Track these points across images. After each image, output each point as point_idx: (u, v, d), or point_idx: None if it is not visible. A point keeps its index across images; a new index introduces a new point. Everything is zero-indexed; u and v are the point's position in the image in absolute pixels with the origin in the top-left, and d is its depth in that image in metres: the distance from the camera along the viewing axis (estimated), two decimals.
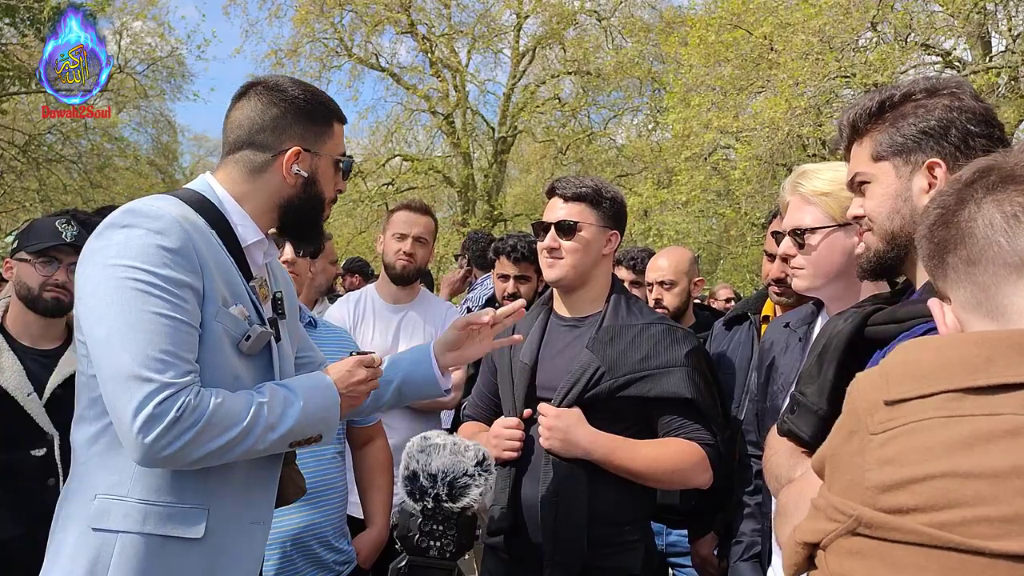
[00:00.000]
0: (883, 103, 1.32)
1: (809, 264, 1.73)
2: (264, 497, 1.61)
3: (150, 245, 1.38)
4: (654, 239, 14.92)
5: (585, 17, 19.30)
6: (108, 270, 1.37)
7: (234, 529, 1.51)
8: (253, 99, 1.60)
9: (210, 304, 1.44)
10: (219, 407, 1.37)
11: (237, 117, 1.60)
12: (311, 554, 2.25)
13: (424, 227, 3.11)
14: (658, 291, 3.24)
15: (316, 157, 1.60)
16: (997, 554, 0.67)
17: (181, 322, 1.37)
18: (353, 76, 19.38)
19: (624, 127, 20.32)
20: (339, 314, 3.10)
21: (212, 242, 1.49)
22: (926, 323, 1.14)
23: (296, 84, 1.62)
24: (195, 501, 1.45)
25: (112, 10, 16.38)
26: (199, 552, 1.45)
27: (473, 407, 2.35)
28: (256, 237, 1.58)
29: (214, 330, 1.44)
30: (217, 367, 1.45)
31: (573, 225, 2.07)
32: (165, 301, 1.36)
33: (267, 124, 1.57)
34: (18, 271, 2.28)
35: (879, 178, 1.31)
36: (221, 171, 1.61)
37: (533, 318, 2.21)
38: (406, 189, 18.94)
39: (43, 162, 16.18)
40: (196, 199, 1.53)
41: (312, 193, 1.61)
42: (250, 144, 1.58)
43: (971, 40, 11.90)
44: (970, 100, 1.26)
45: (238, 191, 1.58)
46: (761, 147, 12.00)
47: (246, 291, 1.54)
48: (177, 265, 1.39)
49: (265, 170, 1.58)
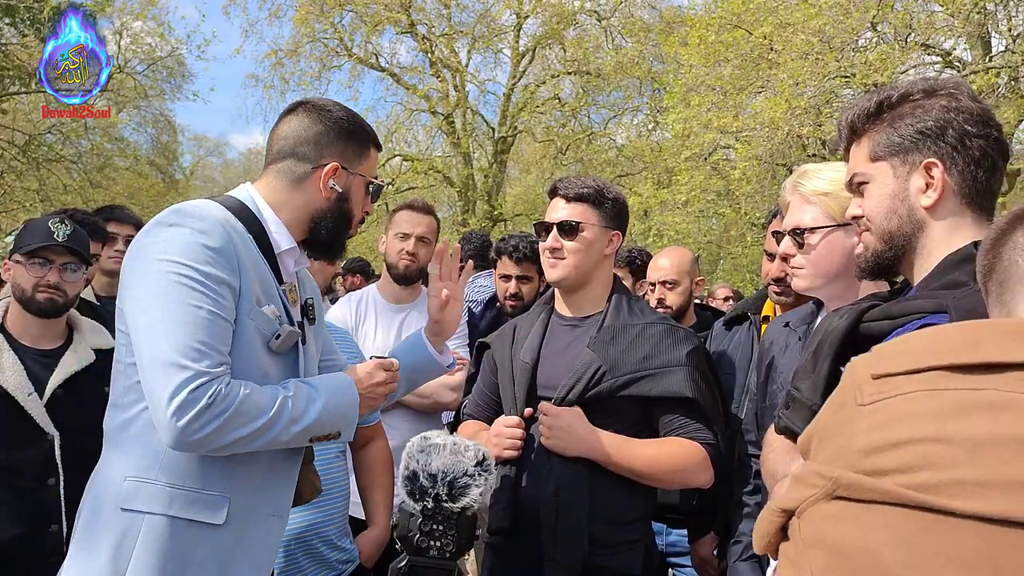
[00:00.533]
0: (881, 104, 1.32)
1: (809, 264, 1.73)
2: (284, 492, 1.71)
3: (194, 243, 1.48)
4: (654, 239, 14.93)
5: (585, 17, 19.32)
6: (154, 264, 1.48)
7: (254, 519, 1.61)
8: (301, 115, 1.72)
9: (245, 302, 1.54)
10: (247, 397, 1.46)
11: (284, 130, 1.72)
12: (315, 553, 2.26)
13: (427, 227, 3.11)
14: (661, 291, 3.24)
15: (351, 176, 1.73)
16: (967, 515, 0.69)
17: (218, 316, 1.47)
18: (353, 76, 19.40)
19: (624, 127, 20.35)
20: (341, 314, 3.10)
21: (249, 245, 1.59)
22: (920, 319, 1.15)
23: (341, 107, 1.76)
24: (219, 489, 1.54)
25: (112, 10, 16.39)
26: (220, 537, 1.55)
27: (473, 406, 2.35)
28: (289, 244, 1.69)
29: (247, 326, 1.54)
30: (247, 362, 1.54)
31: (575, 225, 2.07)
32: (205, 296, 1.46)
33: (311, 138, 1.69)
34: (14, 272, 2.28)
35: (877, 178, 1.31)
36: (262, 180, 1.72)
37: (535, 317, 2.21)
38: (406, 189, 18.94)
39: (43, 162, 16.17)
40: (237, 205, 1.64)
41: (344, 209, 1.73)
42: (293, 155, 1.69)
43: (971, 40, 11.90)
44: (967, 101, 1.26)
45: (276, 200, 1.69)
46: (761, 147, 12.00)
47: (278, 293, 1.64)
48: (218, 263, 1.49)
49: (304, 181, 1.69)
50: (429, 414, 3.05)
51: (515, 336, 2.22)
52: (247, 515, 1.59)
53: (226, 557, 1.56)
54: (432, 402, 2.98)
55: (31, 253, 2.24)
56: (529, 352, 2.12)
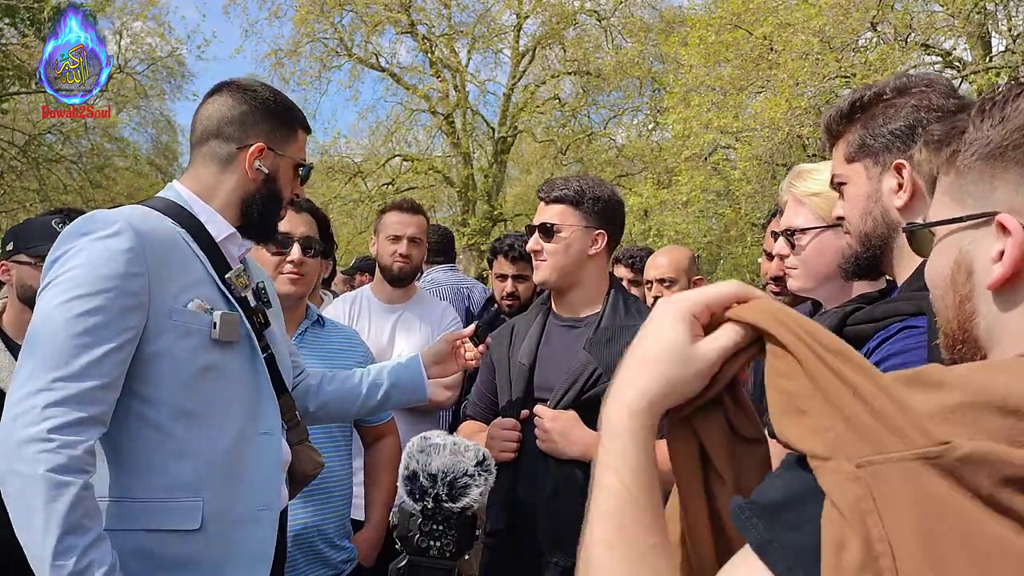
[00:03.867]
0: (854, 104, 1.32)
1: (801, 265, 1.73)
2: (268, 486, 1.64)
3: (102, 252, 1.42)
4: (654, 239, 14.91)
5: (585, 17, 19.29)
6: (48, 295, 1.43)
7: (232, 517, 1.55)
8: (225, 95, 1.69)
9: (162, 305, 1.48)
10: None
11: (208, 110, 1.69)
12: (315, 551, 2.26)
13: (417, 226, 3.11)
14: (658, 289, 3.25)
15: (279, 157, 1.69)
16: None
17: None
18: (353, 76, 19.38)
19: (624, 127, 20.33)
20: (335, 315, 3.10)
21: (180, 242, 1.55)
22: (902, 321, 1.15)
23: (268, 88, 1.74)
24: (188, 495, 1.49)
25: (112, 10, 16.41)
26: (202, 540, 1.49)
27: (473, 406, 2.36)
28: (228, 231, 1.66)
29: (170, 328, 1.49)
30: (186, 363, 1.50)
31: (551, 227, 2.09)
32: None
33: (235, 118, 1.66)
34: (18, 273, 2.28)
35: (852, 179, 1.31)
36: (188, 174, 1.70)
37: (532, 318, 2.21)
38: (406, 189, 18.93)
39: (43, 162, 16.19)
40: (165, 204, 1.61)
41: (272, 190, 1.70)
42: (217, 135, 1.66)
43: (971, 40, 11.91)
44: (939, 98, 1.26)
45: (204, 189, 1.66)
46: (761, 147, 12.01)
47: (216, 285, 1.59)
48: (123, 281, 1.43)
49: (230, 163, 1.66)
50: (427, 414, 3.06)
51: (513, 337, 2.22)
52: (224, 514, 1.54)
53: (215, 559, 1.52)
54: (427, 400, 2.98)
55: (41, 255, 2.25)
56: (526, 353, 2.12)
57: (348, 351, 2.46)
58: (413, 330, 3.11)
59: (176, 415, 1.50)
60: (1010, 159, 0.71)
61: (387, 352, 3.06)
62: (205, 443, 1.52)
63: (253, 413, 1.62)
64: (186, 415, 1.50)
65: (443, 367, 2.06)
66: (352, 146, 19.86)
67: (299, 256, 2.32)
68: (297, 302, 2.38)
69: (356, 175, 19.03)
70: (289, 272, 2.30)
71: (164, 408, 1.49)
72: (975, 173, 0.74)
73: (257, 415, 1.63)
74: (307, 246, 2.35)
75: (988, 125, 0.73)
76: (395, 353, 3.09)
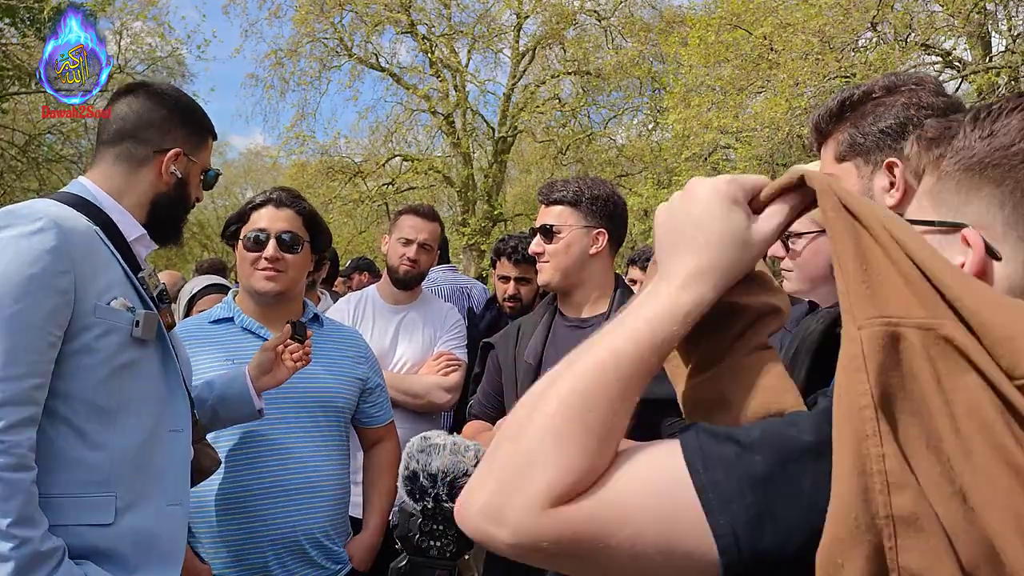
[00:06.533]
0: (843, 103, 1.32)
1: (797, 268, 1.73)
2: (176, 481, 1.68)
3: (26, 247, 1.43)
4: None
5: (585, 17, 19.29)
6: None
7: (146, 511, 1.59)
8: (143, 97, 1.72)
9: (86, 303, 1.50)
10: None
11: (123, 111, 1.71)
12: (302, 553, 2.20)
13: (430, 233, 3.12)
14: None
15: (191, 163, 1.76)
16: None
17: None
18: (353, 76, 19.36)
19: (624, 127, 20.33)
20: (338, 315, 3.10)
21: (97, 239, 1.56)
22: None
23: (182, 93, 1.80)
24: (99, 490, 1.52)
25: (112, 10, 16.39)
26: (112, 537, 1.52)
27: (479, 406, 2.36)
28: (138, 232, 1.69)
29: (95, 326, 1.51)
30: (106, 361, 1.52)
31: (551, 228, 2.10)
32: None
33: (154, 121, 1.69)
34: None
35: (843, 179, 1.31)
36: (97, 170, 1.70)
37: (538, 318, 2.22)
38: (406, 189, 18.93)
39: (43, 162, 16.17)
40: (75, 200, 1.62)
41: (183, 194, 1.77)
42: (133, 137, 1.68)
43: (971, 40, 11.90)
44: (929, 96, 1.26)
45: (115, 187, 1.68)
46: (761, 147, 12.00)
47: (132, 283, 1.62)
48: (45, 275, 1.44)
49: (143, 165, 1.69)
50: (427, 415, 3.06)
51: (519, 337, 2.22)
52: (136, 509, 1.57)
53: (128, 553, 1.54)
54: (426, 402, 2.98)
55: None
56: (532, 353, 2.12)
57: (345, 351, 2.43)
58: (416, 331, 3.12)
59: (90, 412, 1.52)
60: (987, 177, 0.74)
61: (389, 353, 3.06)
62: (118, 439, 1.55)
63: (164, 411, 1.66)
64: (100, 412, 1.53)
65: (272, 376, 2.02)
66: (352, 146, 19.85)
67: (274, 252, 2.24)
68: (281, 299, 2.31)
69: (356, 175, 19.02)
70: (264, 268, 2.24)
71: (79, 404, 1.51)
72: (953, 183, 0.77)
73: (168, 413, 1.67)
74: (286, 241, 2.26)
75: (976, 136, 0.76)
76: (398, 354, 3.09)
